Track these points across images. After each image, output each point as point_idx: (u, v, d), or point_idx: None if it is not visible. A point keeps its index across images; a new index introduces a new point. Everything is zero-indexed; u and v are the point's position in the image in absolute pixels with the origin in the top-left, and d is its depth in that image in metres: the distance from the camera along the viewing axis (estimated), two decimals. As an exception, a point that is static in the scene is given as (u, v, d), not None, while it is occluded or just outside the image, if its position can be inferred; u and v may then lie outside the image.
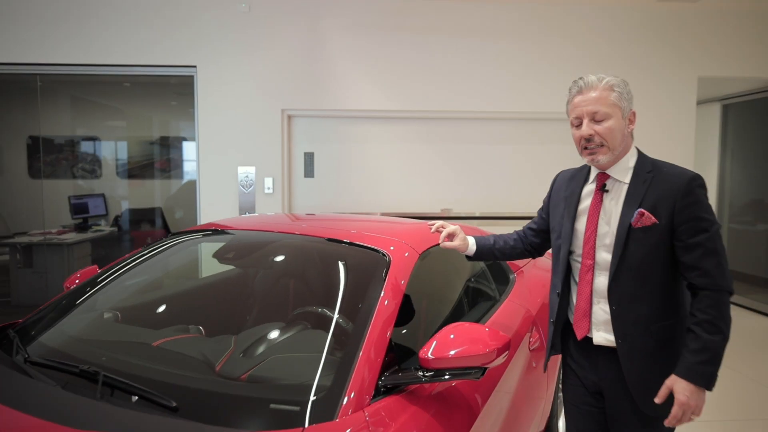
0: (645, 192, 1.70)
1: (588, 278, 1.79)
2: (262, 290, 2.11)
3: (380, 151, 5.31)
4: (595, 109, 1.72)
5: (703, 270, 1.63)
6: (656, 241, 1.68)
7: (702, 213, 1.65)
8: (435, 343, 1.63)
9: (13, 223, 7.06)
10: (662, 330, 1.72)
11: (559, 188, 1.99)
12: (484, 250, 2.10)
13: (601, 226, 1.78)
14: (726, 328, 1.62)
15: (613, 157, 1.75)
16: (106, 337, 1.97)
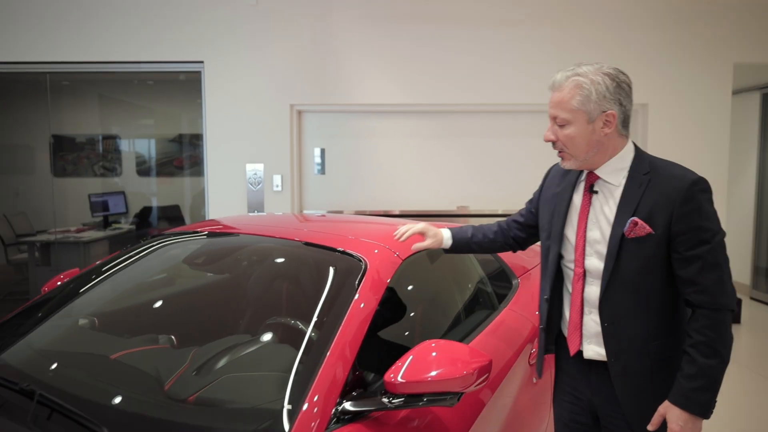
0: (641, 197, 1.52)
1: (579, 287, 1.64)
2: (229, 299, 1.96)
3: (393, 147, 5.12)
4: (554, 114, 1.58)
5: (701, 286, 1.47)
6: (652, 252, 1.51)
7: (703, 222, 1.47)
8: (402, 364, 1.45)
9: (36, 220, 7.16)
10: (660, 349, 1.56)
11: (552, 183, 1.81)
12: (461, 243, 1.92)
13: (591, 231, 1.62)
14: (725, 352, 1.46)
15: (581, 163, 1.60)
16: (66, 348, 1.85)
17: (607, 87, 1.52)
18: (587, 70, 1.54)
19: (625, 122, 1.59)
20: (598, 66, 1.55)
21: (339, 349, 1.51)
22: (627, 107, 1.57)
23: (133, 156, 7.58)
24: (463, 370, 1.48)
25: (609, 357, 1.59)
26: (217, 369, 1.60)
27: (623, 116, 1.57)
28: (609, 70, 1.55)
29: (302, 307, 1.77)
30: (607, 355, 1.59)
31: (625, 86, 1.56)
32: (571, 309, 1.67)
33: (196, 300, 1.97)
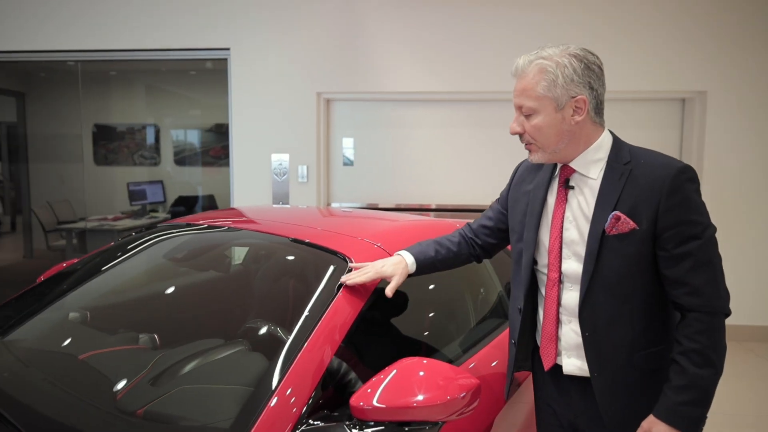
0: (621, 189, 1.36)
1: (554, 294, 1.46)
2: (203, 300, 1.80)
3: (425, 137, 4.88)
4: (519, 103, 1.42)
5: (692, 286, 1.31)
6: (636, 250, 1.35)
7: (693, 215, 1.32)
8: (372, 387, 1.24)
9: (79, 208, 7.32)
10: (648, 359, 1.40)
11: (522, 179, 1.62)
12: (426, 265, 1.63)
13: (567, 231, 1.44)
14: (718, 361, 1.31)
15: (551, 155, 1.43)
16: (36, 345, 1.73)
17: (574, 69, 1.36)
18: (552, 52, 1.39)
19: (598, 108, 1.42)
20: (563, 47, 1.39)
21: (306, 362, 1.31)
22: (599, 91, 1.40)
23: (171, 145, 7.63)
24: (445, 395, 1.26)
25: (591, 371, 1.41)
26: (175, 379, 1.43)
27: (595, 102, 1.40)
28: (576, 51, 1.38)
29: (276, 312, 1.58)
30: (590, 369, 1.41)
31: (595, 68, 1.39)
32: (545, 318, 1.49)
33: (170, 300, 1.82)
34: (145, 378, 1.45)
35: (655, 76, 4.46)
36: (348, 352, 1.46)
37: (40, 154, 7.42)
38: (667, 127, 4.73)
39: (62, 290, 1.91)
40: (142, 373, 1.47)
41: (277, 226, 1.99)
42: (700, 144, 4.54)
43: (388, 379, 1.26)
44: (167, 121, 7.72)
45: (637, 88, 4.49)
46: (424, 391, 1.25)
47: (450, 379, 1.29)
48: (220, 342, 1.56)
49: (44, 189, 7.41)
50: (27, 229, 7.36)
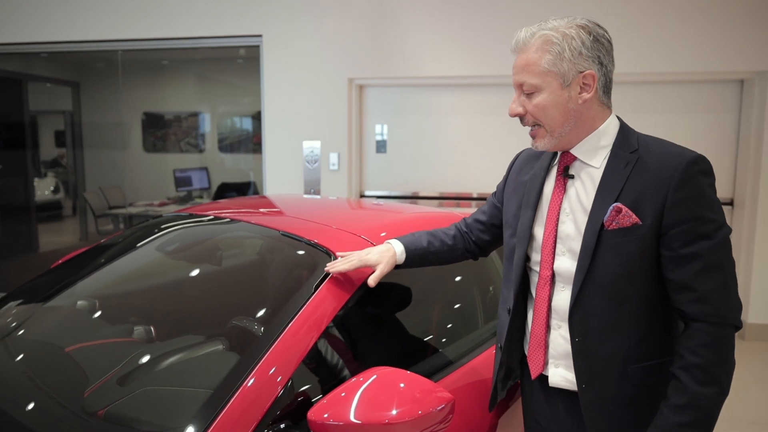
0: (626, 179, 1.23)
1: (545, 295, 1.33)
2: (186, 294, 1.75)
3: (461, 124, 4.71)
4: (520, 80, 1.28)
5: (699, 293, 1.16)
6: (638, 248, 1.20)
7: (704, 211, 1.17)
8: (329, 400, 1.16)
9: (130, 193, 7.59)
10: (644, 373, 1.25)
11: (519, 170, 1.49)
12: (417, 256, 1.52)
13: (563, 225, 1.31)
14: (725, 378, 1.16)
15: (558, 140, 1.29)
16: (27, 335, 1.75)
17: (583, 42, 1.24)
18: (557, 23, 1.27)
19: (607, 87, 1.30)
20: (570, 18, 1.27)
21: (270, 366, 1.24)
22: (608, 68, 1.28)
23: (216, 133, 7.76)
24: (416, 410, 1.16)
25: (579, 382, 1.27)
26: (142, 378, 1.40)
27: (604, 79, 1.28)
28: (584, 22, 1.26)
29: (251, 310, 1.52)
30: (577, 380, 1.27)
31: (605, 42, 1.27)
32: (534, 321, 1.36)
33: (154, 294, 1.79)
34: (115, 376, 1.43)
35: (709, 56, 4.10)
36: (322, 354, 1.38)
37: (94, 141, 7.73)
38: (724, 111, 4.35)
39: (59, 282, 1.92)
40: (114, 370, 1.45)
41: (275, 218, 1.92)
42: (759, 129, 4.16)
43: (346, 391, 1.17)
44: (213, 108, 7.85)
45: (691, 69, 4.15)
46: (389, 407, 1.15)
47: (422, 393, 1.18)
48: (196, 339, 1.51)
49: (97, 175, 7.72)
50: (82, 213, 7.70)
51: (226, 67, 7.46)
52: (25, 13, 4.88)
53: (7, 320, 1.75)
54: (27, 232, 6.77)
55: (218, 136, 7.73)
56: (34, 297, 1.84)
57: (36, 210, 7.64)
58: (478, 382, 1.58)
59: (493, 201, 1.58)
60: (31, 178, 6.91)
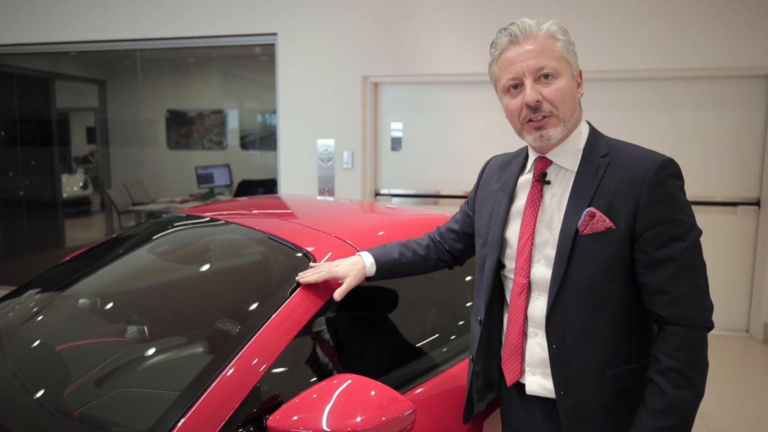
0: (598, 183, 1.21)
1: (521, 303, 1.30)
2: (171, 296, 1.76)
3: (477, 121, 4.64)
4: (540, 64, 1.21)
5: (672, 296, 1.16)
6: (612, 253, 1.19)
7: (676, 214, 1.17)
8: (290, 407, 1.14)
9: (153, 190, 7.74)
10: (621, 378, 1.24)
11: (489, 179, 1.47)
12: (387, 268, 1.48)
13: (539, 232, 1.28)
14: (700, 380, 1.17)
15: (566, 131, 1.25)
16: (23, 333, 1.78)
17: (572, 42, 1.27)
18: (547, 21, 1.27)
19: None
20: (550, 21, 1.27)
21: (238, 371, 1.23)
22: None
23: (237, 130, 7.84)
24: (376, 419, 1.13)
25: (557, 389, 1.25)
26: (119, 379, 1.41)
27: None
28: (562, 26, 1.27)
29: (230, 313, 1.51)
30: (555, 387, 1.25)
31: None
32: (508, 329, 1.33)
33: (143, 295, 1.80)
34: (94, 377, 1.44)
35: (735, 51, 3.94)
36: (292, 359, 1.36)
37: (119, 138, 7.89)
38: (750, 108, 4.18)
39: (54, 282, 1.95)
40: (92, 372, 1.46)
41: (267, 221, 1.91)
42: (789, 127, 3.98)
43: (307, 397, 1.15)
44: (235, 105, 7.93)
45: (715, 65, 3.99)
46: (351, 416, 1.13)
47: (382, 403, 1.16)
48: (176, 341, 1.51)
49: (123, 171, 7.88)
50: (108, 209, 7.87)
51: (249, 63, 7.52)
52: (49, 15, 4.99)
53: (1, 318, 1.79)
54: (54, 227, 6.96)
55: (240, 133, 7.81)
56: (29, 297, 1.87)
57: (64, 206, 7.86)
58: (455, 390, 1.54)
59: (465, 209, 1.55)
60: (58, 175, 7.09)
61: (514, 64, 1.22)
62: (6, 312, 1.80)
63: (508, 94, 1.26)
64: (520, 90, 1.23)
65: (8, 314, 1.79)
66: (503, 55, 1.25)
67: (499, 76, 1.27)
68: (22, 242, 6.80)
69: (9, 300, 1.89)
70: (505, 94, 1.27)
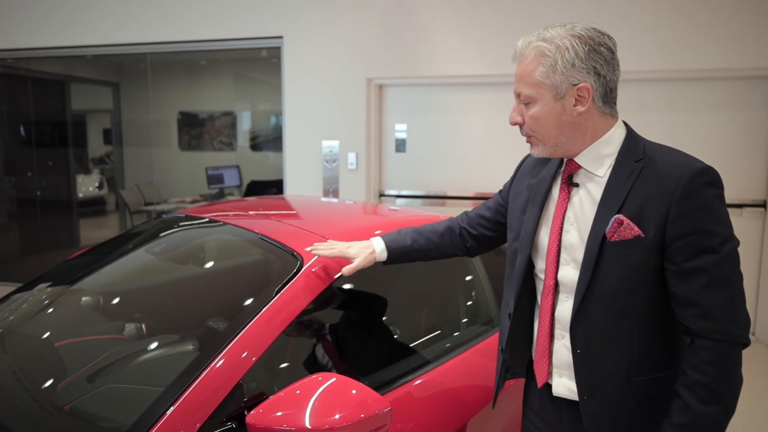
0: (629, 190, 1.20)
1: (548, 303, 1.31)
2: (161, 296, 1.81)
3: (482, 123, 4.65)
4: (517, 90, 1.27)
5: (703, 308, 1.13)
6: (640, 261, 1.18)
7: (709, 224, 1.14)
8: (269, 404, 1.18)
9: (165, 190, 7.85)
10: (647, 386, 1.22)
11: (527, 172, 1.46)
12: (399, 253, 1.54)
13: (567, 234, 1.29)
14: (730, 397, 1.13)
15: (552, 149, 1.28)
16: (23, 329, 1.84)
17: (576, 53, 1.20)
18: (554, 33, 1.23)
19: (608, 97, 1.25)
20: (569, 27, 1.23)
21: (218, 371, 1.27)
22: (608, 78, 1.24)
23: (247, 131, 7.92)
24: (352, 417, 1.17)
25: (581, 393, 1.26)
26: (109, 375, 1.46)
27: (603, 90, 1.24)
28: (581, 32, 1.21)
29: (218, 313, 1.55)
30: (579, 392, 1.26)
31: (603, 51, 1.22)
32: (539, 330, 1.34)
33: (139, 293, 1.86)
34: (86, 373, 1.49)
35: (739, 52, 3.91)
36: (276, 358, 1.40)
37: (133, 140, 8.02)
38: (756, 109, 4.14)
39: (56, 280, 2.01)
40: (85, 368, 1.51)
41: (261, 221, 1.96)
42: (796, 128, 3.94)
43: (285, 395, 1.19)
44: (246, 107, 8.01)
45: (720, 66, 3.97)
46: (326, 414, 1.16)
47: (358, 402, 1.19)
48: (165, 339, 1.56)
49: (136, 172, 8.01)
50: (122, 209, 8.00)
51: (259, 66, 7.59)
52: (63, 20, 5.10)
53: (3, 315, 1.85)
54: (68, 226, 7.09)
55: (250, 135, 7.89)
56: (31, 295, 1.94)
57: (80, 206, 8.00)
58: (441, 389, 1.57)
59: (499, 198, 1.56)
60: (73, 175, 7.22)
61: None
62: (8, 310, 1.87)
63: None
64: None
65: (10, 312, 1.85)
66: None
67: None
68: (37, 241, 6.95)
69: (11, 298, 1.95)
70: None
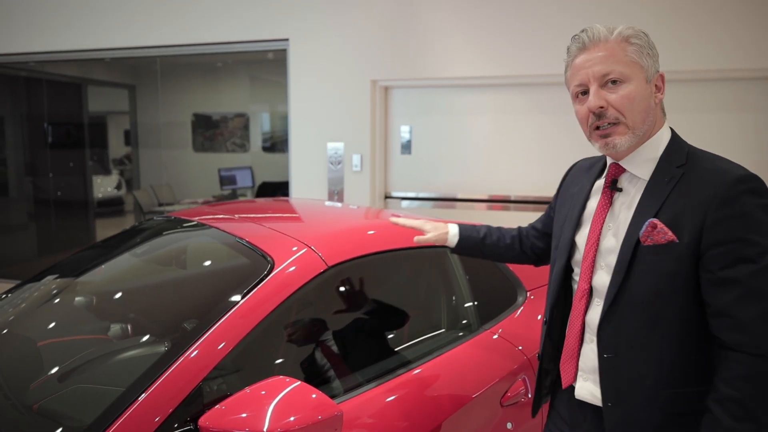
0: (668, 194, 1.17)
1: (580, 307, 1.30)
2: (144, 297, 1.83)
3: (488, 124, 4.62)
4: (606, 70, 1.20)
5: (737, 320, 1.09)
6: (673, 268, 1.15)
7: (749, 233, 1.10)
8: (223, 407, 1.19)
9: (179, 191, 7.97)
10: (676, 399, 1.18)
11: (571, 182, 1.47)
12: (470, 243, 1.58)
13: (605, 239, 1.27)
14: (764, 415, 1.07)
15: (636, 139, 1.22)
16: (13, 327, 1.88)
17: (651, 44, 1.23)
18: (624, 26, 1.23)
19: None
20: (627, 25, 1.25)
21: (177, 373, 1.28)
22: None
23: (260, 132, 8.00)
24: (307, 420, 1.17)
25: (605, 399, 1.22)
26: (77, 376, 1.48)
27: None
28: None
29: (189, 314, 1.57)
30: (603, 397, 1.23)
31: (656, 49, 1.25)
32: (569, 331, 1.33)
33: (121, 295, 1.88)
34: (58, 373, 1.52)
35: (755, 51, 3.82)
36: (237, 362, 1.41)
37: (149, 141, 8.15)
38: (757, 111, 4.04)
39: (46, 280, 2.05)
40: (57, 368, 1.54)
41: (244, 225, 1.97)
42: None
43: (237, 399, 1.19)
44: (259, 108, 8.09)
45: (734, 66, 3.87)
46: (279, 418, 1.16)
47: (310, 406, 1.19)
48: (136, 341, 1.59)
49: (151, 173, 8.14)
50: (137, 209, 8.14)
51: (271, 67, 7.65)
52: (79, 24, 5.21)
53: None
54: (85, 226, 7.23)
55: (263, 136, 7.96)
56: (19, 295, 1.98)
57: (98, 206, 8.16)
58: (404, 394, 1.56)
59: (548, 211, 1.58)
60: (89, 176, 7.37)
61: (581, 70, 1.22)
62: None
63: (577, 100, 1.27)
64: (587, 96, 1.23)
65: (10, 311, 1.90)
66: (574, 62, 1.26)
67: (570, 82, 1.29)
68: (55, 240, 7.10)
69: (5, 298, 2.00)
70: (575, 100, 1.28)
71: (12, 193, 7.03)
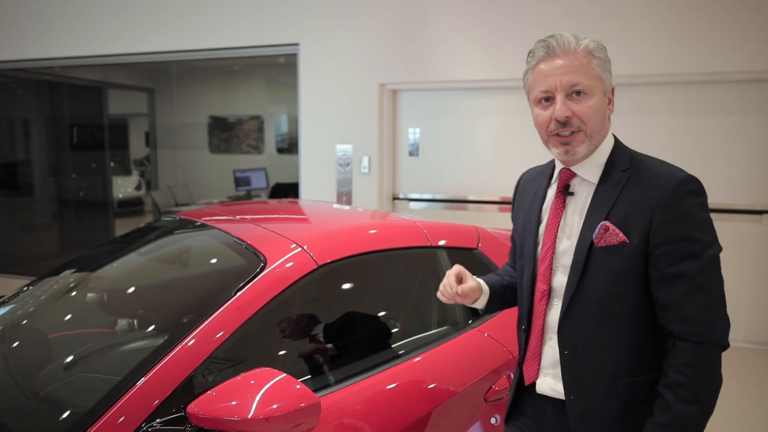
0: (616, 198, 1.25)
1: (541, 308, 1.36)
2: (148, 294, 1.93)
3: (495, 127, 4.67)
4: (574, 80, 1.24)
5: (683, 312, 1.18)
6: (625, 267, 1.23)
7: (692, 231, 1.18)
8: (210, 395, 1.28)
9: (195, 192, 8.14)
10: (633, 388, 1.26)
11: (523, 192, 1.52)
12: (497, 297, 1.50)
13: (560, 241, 1.33)
14: (708, 397, 1.17)
15: (593, 148, 1.29)
16: (27, 320, 2.00)
17: (608, 58, 1.29)
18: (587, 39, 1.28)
19: None
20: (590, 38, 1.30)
21: (174, 361, 1.38)
22: None
23: (274, 134, 8.13)
24: (287, 409, 1.25)
25: (567, 393, 1.30)
26: (83, 365, 1.59)
27: None
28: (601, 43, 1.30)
29: (186, 309, 1.66)
30: (566, 392, 1.30)
31: None
32: (531, 333, 1.39)
33: (124, 292, 1.99)
34: (65, 363, 1.62)
35: (760, 53, 3.81)
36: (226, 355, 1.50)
37: (166, 142, 8.34)
38: (755, 113, 4.01)
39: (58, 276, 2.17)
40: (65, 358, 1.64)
41: (243, 226, 2.06)
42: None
43: (226, 387, 1.28)
44: (274, 110, 8.22)
45: (740, 68, 3.86)
46: (261, 406, 1.24)
47: (290, 395, 1.27)
48: (139, 334, 1.69)
49: (169, 173, 8.33)
50: (155, 209, 8.33)
51: (285, 70, 7.77)
52: (98, 30, 5.38)
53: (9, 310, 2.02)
54: (105, 226, 7.43)
55: (276, 138, 8.10)
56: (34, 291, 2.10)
57: (119, 206, 8.38)
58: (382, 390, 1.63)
59: (512, 240, 1.56)
60: (110, 177, 7.57)
61: (549, 77, 1.25)
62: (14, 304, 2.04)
63: (539, 105, 1.30)
64: (551, 103, 1.26)
65: (14, 306, 2.02)
66: (538, 66, 1.28)
67: (532, 87, 1.30)
68: (76, 239, 7.31)
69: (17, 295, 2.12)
70: (536, 105, 1.30)
71: (36, 193, 7.27)
